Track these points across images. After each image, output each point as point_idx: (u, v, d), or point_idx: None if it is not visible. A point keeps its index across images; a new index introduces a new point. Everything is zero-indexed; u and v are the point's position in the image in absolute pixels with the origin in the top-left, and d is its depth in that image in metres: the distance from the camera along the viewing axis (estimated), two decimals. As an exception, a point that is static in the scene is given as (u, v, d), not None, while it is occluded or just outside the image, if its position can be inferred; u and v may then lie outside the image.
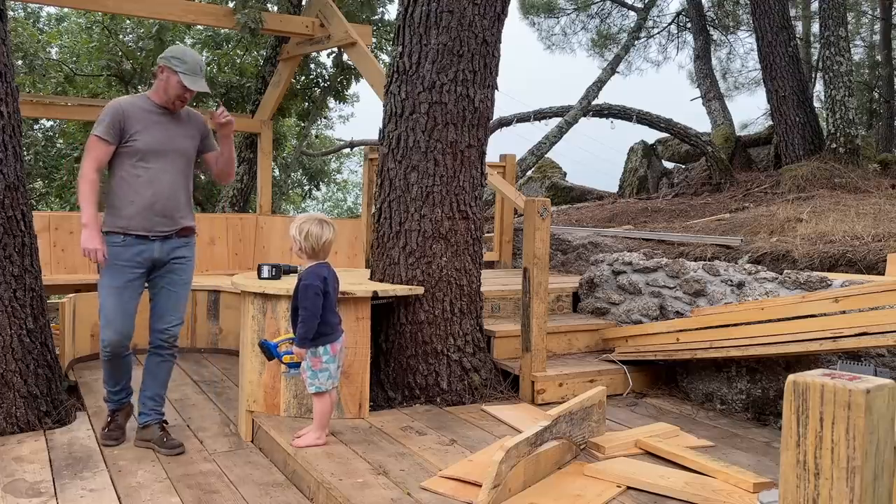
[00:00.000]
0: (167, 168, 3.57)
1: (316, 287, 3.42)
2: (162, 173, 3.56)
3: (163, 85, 3.56)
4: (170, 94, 3.56)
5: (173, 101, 3.58)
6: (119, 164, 3.54)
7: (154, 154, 3.54)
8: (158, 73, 3.59)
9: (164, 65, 3.55)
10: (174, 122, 3.64)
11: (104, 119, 3.48)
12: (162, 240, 3.61)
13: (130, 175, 3.52)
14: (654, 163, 11.60)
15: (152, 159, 3.54)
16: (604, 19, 16.65)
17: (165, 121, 3.60)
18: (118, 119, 3.49)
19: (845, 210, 6.30)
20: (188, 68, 3.54)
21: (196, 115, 3.77)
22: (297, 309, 3.49)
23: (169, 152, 3.58)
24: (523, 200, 4.54)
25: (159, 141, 3.55)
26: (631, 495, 3.03)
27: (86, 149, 3.51)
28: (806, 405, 1.56)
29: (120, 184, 3.53)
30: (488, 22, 4.35)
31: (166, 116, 3.61)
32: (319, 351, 3.49)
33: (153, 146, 3.53)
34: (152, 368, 3.76)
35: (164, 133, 3.58)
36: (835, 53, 9.04)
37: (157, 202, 3.55)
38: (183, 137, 3.66)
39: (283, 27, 7.28)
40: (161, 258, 3.62)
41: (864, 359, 3.96)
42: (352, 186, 27.46)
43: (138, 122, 3.52)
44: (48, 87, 11.30)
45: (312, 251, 3.50)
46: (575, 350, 4.98)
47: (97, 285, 3.62)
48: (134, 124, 3.51)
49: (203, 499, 3.11)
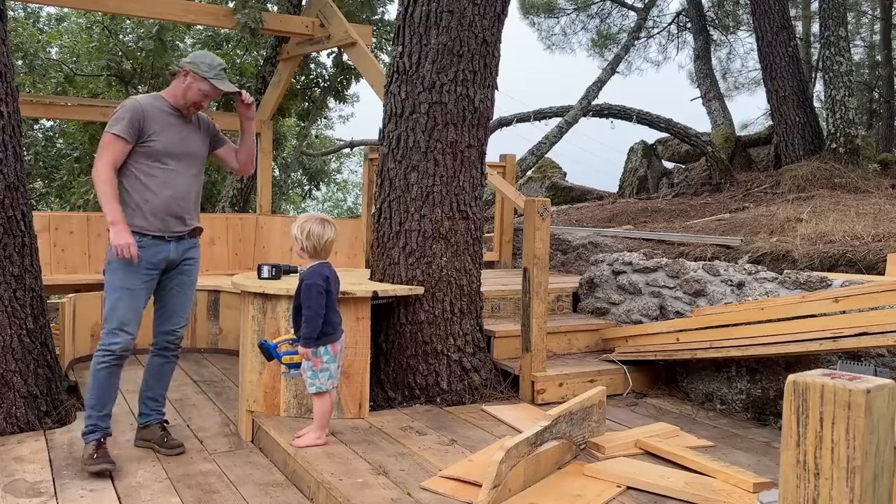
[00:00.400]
0: (181, 170, 3.56)
1: (319, 286, 3.42)
2: (177, 175, 3.54)
3: (182, 89, 3.54)
4: (188, 98, 3.54)
5: (189, 105, 3.56)
6: (134, 164, 3.48)
7: (170, 155, 3.52)
8: (181, 76, 3.56)
9: (191, 69, 3.52)
10: (187, 125, 3.62)
11: (123, 117, 3.42)
12: (177, 241, 3.59)
13: (146, 175, 3.48)
14: (654, 163, 11.60)
15: (168, 160, 3.52)
16: (604, 19, 16.66)
17: (179, 123, 3.59)
18: (138, 118, 3.44)
19: (845, 210, 6.30)
20: (216, 74, 3.55)
21: (203, 116, 3.76)
22: (299, 308, 3.49)
23: (184, 154, 3.57)
24: (523, 200, 4.54)
25: (175, 143, 3.54)
26: (631, 495, 3.03)
27: (101, 146, 3.44)
28: (806, 405, 1.56)
29: (134, 183, 3.48)
30: (488, 22, 4.35)
31: (180, 119, 3.60)
32: (320, 351, 3.49)
33: (170, 147, 3.52)
34: (156, 370, 3.73)
35: (179, 135, 3.56)
36: (835, 53, 9.04)
37: (173, 203, 3.52)
38: (196, 139, 3.65)
39: (283, 27, 7.28)
40: (175, 259, 3.60)
41: (864, 359, 3.96)
42: (352, 186, 27.46)
43: (156, 123, 3.49)
44: (48, 87, 11.31)
45: (314, 250, 3.50)
46: (575, 350, 4.98)
47: (104, 286, 3.50)
48: (152, 124, 3.48)
49: (203, 499, 3.11)
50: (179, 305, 3.70)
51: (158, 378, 3.74)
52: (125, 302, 3.44)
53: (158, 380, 3.74)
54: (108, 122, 3.47)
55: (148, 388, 3.74)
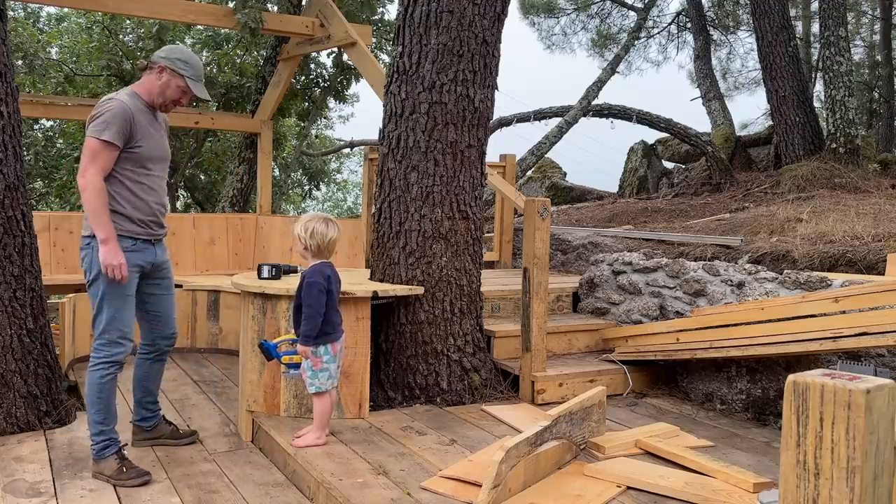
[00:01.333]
0: (160, 174, 3.49)
1: (320, 284, 3.42)
2: (158, 179, 3.47)
3: (160, 86, 3.39)
4: (167, 96, 3.41)
5: (167, 103, 3.43)
6: (121, 170, 3.32)
7: (152, 160, 3.42)
8: (157, 73, 3.40)
9: (167, 66, 3.37)
10: (158, 124, 3.50)
11: (112, 122, 3.22)
12: (158, 243, 3.54)
13: (133, 181, 3.35)
14: (654, 163, 11.60)
15: (151, 165, 3.42)
16: (604, 19, 16.66)
17: (155, 124, 3.47)
18: (128, 123, 3.27)
19: (845, 210, 6.30)
20: (194, 74, 3.42)
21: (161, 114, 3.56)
22: (299, 307, 3.49)
23: (162, 158, 3.49)
24: (523, 200, 4.54)
25: (155, 147, 3.43)
26: (631, 495, 3.03)
27: (90, 153, 3.23)
28: (806, 405, 1.56)
29: (121, 190, 3.33)
30: (488, 22, 4.35)
31: (153, 119, 3.47)
32: (320, 350, 3.49)
33: (152, 152, 3.41)
34: (152, 374, 3.67)
35: (156, 138, 3.45)
36: (835, 53, 9.04)
37: (156, 207, 3.46)
38: (165, 140, 3.55)
39: (283, 27, 7.28)
40: (158, 262, 3.53)
41: (864, 359, 3.96)
42: (352, 186, 27.46)
43: (141, 127, 3.36)
44: (48, 87, 11.31)
45: (318, 249, 3.51)
46: (575, 350, 4.98)
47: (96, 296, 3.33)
48: (138, 129, 3.33)
49: (203, 499, 3.11)
50: (172, 307, 3.66)
51: (154, 380, 3.70)
52: (126, 310, 3.36)
53: (154, 381, 3.71)
54: (93, 126, 3.25)
55: (147, 393, 3.68)
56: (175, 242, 6.76)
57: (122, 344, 3.35)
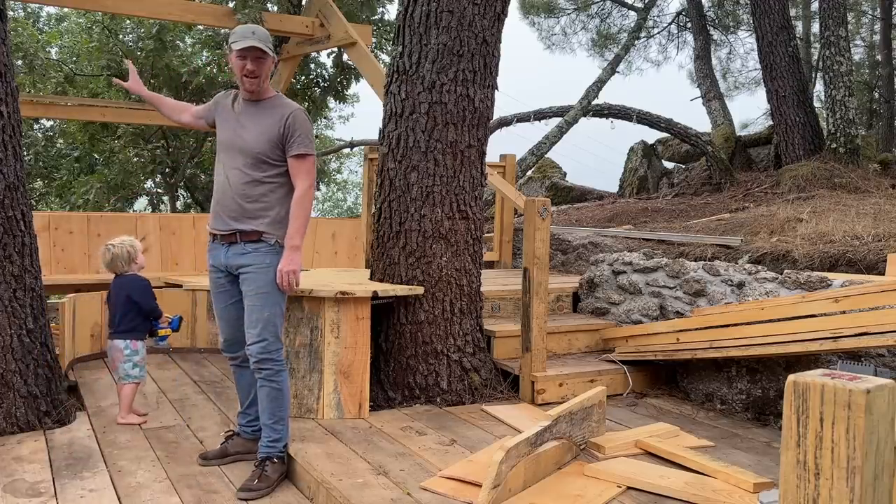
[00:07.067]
0: (230, 165, 3.34)
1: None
2: (229, 169, 3.34)
3: (234, 71, 3.37)
4: (239, 74, 3.32)
5: (244, 80, 3.31)
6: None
7: (223, 149, 3.38)
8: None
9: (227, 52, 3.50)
10: (250, 117, 3.34)
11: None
12: (225, 244, 3.35)
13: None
14: (654, 163, 11.60)
15: (222, 154, 3.39)
16: (604, 19, 16.65)
17: (246, 113, 3.36)
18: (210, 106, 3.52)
19: (845, 210, 6.30)
20: (236, 38, 3.29)
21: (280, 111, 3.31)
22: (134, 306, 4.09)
23: (232, 148, 3.36)
24: (523, 200, 4.54)
25: (227, 136, 3.37)
26: (631, 495, 3.03)
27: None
28: (806, 405, 1.56)
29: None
30: (488, 22, 4.35)
31: (251, 108, 3.35)
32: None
33: (223, 140, 3.38)
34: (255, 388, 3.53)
35: (232, 127, 3.36)
36: (835, 53, 9.04)
37: (219, 201, 3.36)
38: (251, 133, 3.31)
39: (283, 27, 7.29)
40: (228, 264, 3.35)
41: (864, 359, 3.96)
42: (352, 186, 27.47)
43: (220, 115, 3.43)
44: (48, 87, 11.31)
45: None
46: (575, 350, 4.98)
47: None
48: (218, 115, 3.44)
49: (203, 499, 3.11)
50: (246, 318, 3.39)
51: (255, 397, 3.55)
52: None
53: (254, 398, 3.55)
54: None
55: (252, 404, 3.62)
56: (175, 242, 6.76)
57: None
